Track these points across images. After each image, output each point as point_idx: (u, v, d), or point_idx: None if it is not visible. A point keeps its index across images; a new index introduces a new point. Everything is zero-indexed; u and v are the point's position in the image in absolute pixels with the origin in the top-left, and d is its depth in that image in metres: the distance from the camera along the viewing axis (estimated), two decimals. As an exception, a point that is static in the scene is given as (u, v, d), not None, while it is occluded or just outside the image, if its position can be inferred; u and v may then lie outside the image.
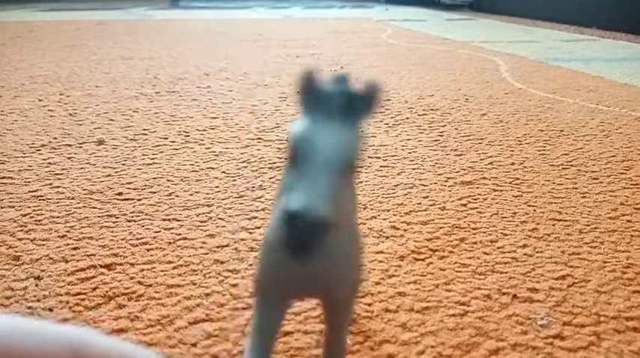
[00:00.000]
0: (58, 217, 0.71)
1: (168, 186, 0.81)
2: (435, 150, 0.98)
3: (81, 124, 1.11)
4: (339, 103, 0.25)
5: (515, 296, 0.55)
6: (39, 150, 0.96)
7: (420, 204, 0.76)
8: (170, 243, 0.64)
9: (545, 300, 0.54)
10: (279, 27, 2.97)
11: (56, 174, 0.85)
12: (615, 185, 0.83)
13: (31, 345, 0.20)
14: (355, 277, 0.33)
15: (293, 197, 0.23)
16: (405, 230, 0.68)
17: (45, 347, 0.21)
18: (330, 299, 0.34)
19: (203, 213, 0.72)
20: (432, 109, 1.26)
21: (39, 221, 0.70)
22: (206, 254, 0.62)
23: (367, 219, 0.71)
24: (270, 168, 0.88)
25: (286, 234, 0.23)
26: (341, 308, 0.34)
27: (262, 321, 0.33)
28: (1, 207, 0.73)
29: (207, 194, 0.78)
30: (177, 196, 0.77)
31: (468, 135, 1.07)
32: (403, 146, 1.00)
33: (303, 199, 0.23)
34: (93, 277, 0.57)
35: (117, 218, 0.71)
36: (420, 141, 1.04)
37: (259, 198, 0.77)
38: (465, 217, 0.72)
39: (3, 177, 0.83)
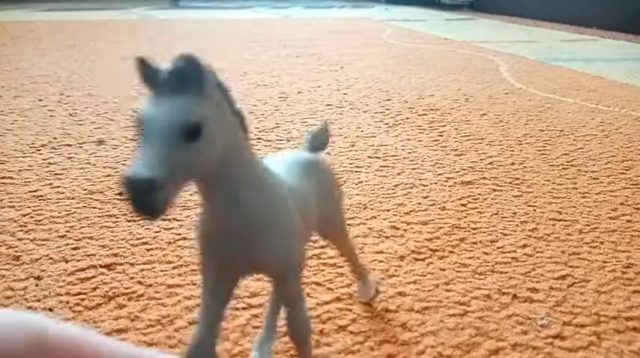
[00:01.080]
0: (58, 217, 0.71)
1: (168, 186, 0.81)
2: (435, 150, 0.98)
3: (81, 124, 1.11)
4: (166, 79, 0.27)
5: (515, 296, 0.55)
6: (39, 150, 0.96)
7: (420, 204, 0.76)
8: (170, 243, 0.64)
9: (545, 300, 0.54)
10: (279, 27, 2.97)
11: (56, 174, 0.85)
12: (615, 185, 0.83)
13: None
14: (282, 245, 0.34)
15: (127, 167, 0.26)
16: (405, 230, 0.68)
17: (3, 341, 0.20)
18: (266, 274, 0.36)
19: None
20: (432, 109, 1.26)
21: (39, 221, 0.70)
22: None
23: (367, 219, 0.71)
24: (270, 168, 0.88)
25: (128, 201, 0.25)
26: (283, 283, 0.36)
27: (206, 300, 0.35)
28: (1, 207, 0.73)
29: (207, 194, 0.78)
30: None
31: (468, 135, 1.07)
32: (403, 146, 1.00)
33: (132, 167, 0.25)
34: (93, 277, 0.57)
35: (117, 218, 0.71)
36: (420, 141, 1.04)
37: (259, 198, 0.77)
38: (465, 217, 0.72)
39: (3, 177, 0.83)
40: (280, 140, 1.03)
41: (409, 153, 0.97)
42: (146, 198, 0.25)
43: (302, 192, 0.37)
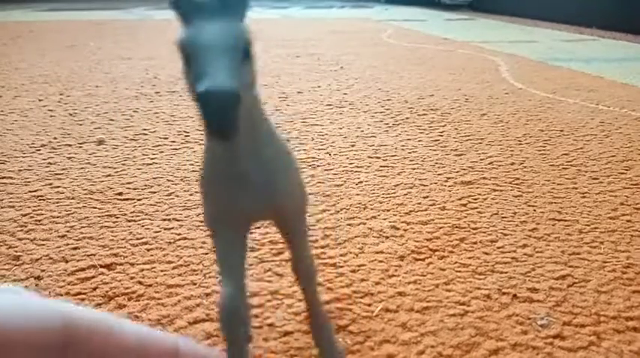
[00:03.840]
0: (58, 217, 0.71)
1: (168, 186, 0.81)
2: (435, 150, 0.98)
3: (81, 124, 1.11)
4: (212, 6, 0.27)
5: (515, 296, 0.55)
6: (39, 150, 0.96)
7: (420, 204, 0.76)
8: (170, 243, 0.64)
9: (545, 300, 0.54)
10: (279, 27, 2.97)
11: (56, 174, 0.85)
12: (615, 185, 0.83)
13: (17, 326, 0.20)
14: (294, 191, 0.35)
15: (199, 83, 0.24)
16: (405, 230, 0.68)
17: (33, 326, 0.20)
18: (280, 216, 0.36)
19: (203, 213, 0.72)
20: (432, 109, 1.26)
21: (39, 221, 0.70)
22: (206, 254, 0.62)
23: (367, 219, 0.71)
24: (270, 168, 0.88)
25: (204, 118, 0.24)
26: (293, 224, 0.37)
27: (225, 252, 0.34)
28: (1, 207, 0.73)
29: (207, 194, 0.78)
30: (177, 196, 0.77)
31: (468, 135, 1.07)
32: (403, 146, 1.00)
33: (207, 80, 0.24)
34: (93, 277, 0.57)
35: (117, 218, 0.71)
36: (420, 141, 1.04)
37: (259, 198, 0.77)
38: (465, 217, 0.72)
39: (3, 177, 0.83)
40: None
41: (409, 153, 0.97)
42: (230, 112, 0.24)
43: (290, 150, 0.38)
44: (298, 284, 0.39)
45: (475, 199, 0.78)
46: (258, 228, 0.67)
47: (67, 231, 0.67)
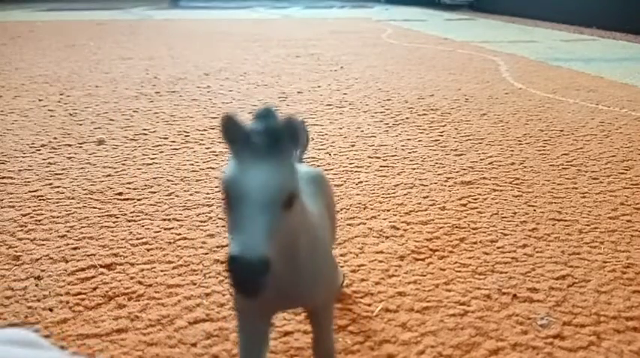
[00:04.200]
0: (58, 217, 0.71)
1: (169, 186, 0.81)
2: (435, 150, 0.98)
3: (81, 124, 1.11)
4: (262, 141, 0.25)
5: (515, 296, 0.55)
6: (39, 150, 0.96)
7: (420, 204, 0.76)
8: (170, 243, 0.64)
9: (545, 300, 0.54)
10: (279, 27, 2.97)
11: (56, 174, 0.85)
12: (615, 185, 0.83)
13: None
14: (326, 285, 0.34)
15: (231, 243, 0.24)
16: (405, 230, 0.68)
17: None
18: (309, 306, 0.36)
19: (203, 213, 0.72)
20: (432, 109, 1.26)
21: (39, 221, 0.70)
22: (206, 254, 0.62)
23: (367, 219, 0.71)
24: (270, 168, 0.88)
25: (231, 278, 0.24)
26: (320, 312, 0.36)
27: (246, 339, 0.34)
28: (1, 207, 0.73)
29: (207, 194, 0.78)
30: (177, 196, 0.77)
31: (468, 135, 1.07)
32: (403, 146, 1.00)
33: (239, 244, 0.24)
34: (93, 277, 0.57)
35: (117, 218, 0.71)
36: (420, 141, 1.04)
37: (259, 198, 0.77)
38: (465, 217, 0.72)
39: (3, 177, 0.83)
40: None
41: (409, 153, 0.97)
42: (257, 278, 0.24)
43: (321, 216, 0.36)
44: None
45: (475, 199, 0.78)
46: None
47: (67, 231, 0.67)
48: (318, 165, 0.90)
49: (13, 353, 0.20)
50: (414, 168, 0.89)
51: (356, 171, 0.87)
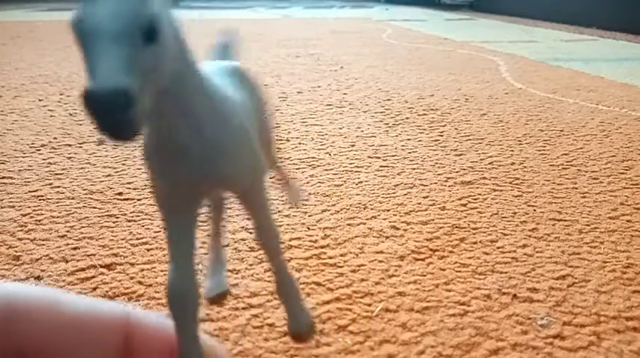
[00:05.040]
0: (58, 217, 0.71)
1: (168, 186, 0.81)
2: (435, 150, 0.98)
3: (81, 124, 1.11)
4: None
5: (515, 296, 0.55)
6: (39, 150, 0.96)
7: (420, 204, 0.76)
8: (170, 243, 0.64)
9: (545, 300, 0.54)
10: (279, 27, 2.97)
11: (56, 174, 0.85)
12: (615, 185, 0.83)
13: (84, 310, 0.21)
14: (248, 167, 0.32)
15: (86, 78, 0.21)
16: (405, 230, 0.68)
17: (99, 313, 0.21)
18: (232, 188, 0.33)
19: (203, 213, 0.72)
20: (432, 109, 1.26)
21: (39, 221, 0.70)
22: (206, 254, 0.62)
23: (367, 219, 0.71)
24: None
25: (92, 119, 0.21)
26: (250, 197, 0.34)
27: (173, 231, 0.32)
28: (1, 207, 0.73)
29: (207, 194, 0.78)
30: (177, 196, 0.77)
31: (468, 135, 1.07)
32: (403, 146, 1.00)
33: (93, 78, 0.21)
34: (93, 277, 0.57)
35: (117, 218, 0.71)
36: (420, 141, 1.04)
37: (259, 198, 0.77)
38: (465, 217, 0.72)
39: (3, 177, 0.83)
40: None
41: (409, 153, 0.97)
42: (120, 113, 0.21)
43: (242, 104, 0.34)
44: (264, 252, 0.37)
45: (475, 199, 0.78)
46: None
47: (67, 231, 0.67)
48: (318, 166, 0.90)
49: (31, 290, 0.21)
50: (414, 168, 0.89)
51: (356, 171, 0.87)
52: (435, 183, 0.83)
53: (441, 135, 1.07)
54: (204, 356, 0.28)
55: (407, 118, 1.19)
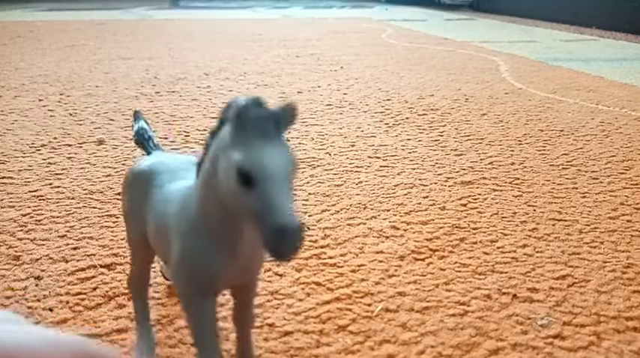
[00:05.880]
0: (58, 217, 0.71)
1: (168, 186, 0.81)
2: (435, 150, 0.98)
3: (81, 124, 1.11)
4: (270, 125, 0.28)
5: (515, 296, 0.55)
6: (39, 150, 0.96)
7: (420, 204, 0.76)
8: (170, 243, 0.64)
9: (545, 300, 0.54)
10: (279, 27, 2.97)
11: (56, 174, 0.85)
12: (615, 185, 0.83)
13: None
14: (261, 260, 0.37)
15: (275, 214, 0.26)
16: (405, 230, 0.68)
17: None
18: (247, 281, 0.38)
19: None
20: (432, 109, 1.26)
21: (39, 221, 0.70)
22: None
23: (367, 219, 0.71)
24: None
25: (279, 247, 0.27)
26: (252, 286, 0.40)
27: (205, 318, 0.36)
28: (1, 207, 0.73)
29: (207, 194, 0.78)
30: (177, 196, 0.77)
31: (468, 135, 1.07)
32: (403, 146, 1.00)
33: (284, 215, 0.26)
34: (93, 277, 0.57)
35: (117, 218, 0.71)
36: (420, 141, 1.04)
37: (259, 198, 0.77)
38: (465, 217, 0.72)
39: (3, 177, 0.83)
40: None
41: (409, 153, 0.97)
42: (300, 243, 0.27)
43: None
44: (237, 332, 0.42)
45: (475, 199, 0.78)
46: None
47: (67, 231, 0.67)
48: (318, 166, 0.90)
49: None
50: (414, 168, 0.89)
51: (356, 171, 0.87)
52: (435, 183, 0.83)
53: (441, 135, 1.07)
54: None
55: (407, 118, 1.19)
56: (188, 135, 1.05)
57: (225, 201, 0.29)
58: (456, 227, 0.69)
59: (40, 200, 0.76)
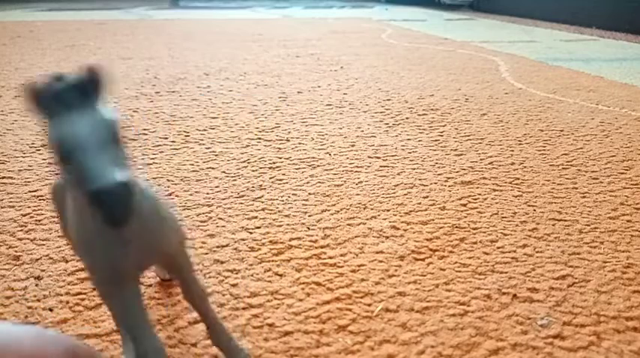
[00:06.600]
0: (58, 217, 0.71)
1: (168, 186, 0.81)
2: (435, 150, 0.98)
3: (81, 124, 1.11)
4: (75, 95, 0.28)
5: (515, 296, 0.55)
6: (39, 150, 0.96)
7: (420, 204, 0.76)
8: (170, 243, 0.64)
9: (545, 300, 0.54)
10: (279, 27, 2.97)
11: (56, 174, 0.85)
12: (615, 185, 0.83)
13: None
14: (173, 235, 0.36)
15: (88, 180, 0.26)
16: (405, 230, 0.68)
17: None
18: (167, 260, 0.38)
19: (203, 213, 0.72)
20: (432, 109, 1.26)
21: (39, 221, 0.70)
22: (206, 254, 0.62)
23: (367, 219, 0.71)
24: (270, 168, 0.88)
25: (103, 212, 0.26)
26: (177, 260, 0.39)
27: (129, 309, 0.35)
28: (1, 207, 0.73)
29: (207, 194, 0.78)
30: (177, 196, 0.77)
31: (468, 135, 1.07)
32: (403, 146, 1.00)
33: (96, 179, 0.26)
34: (93, 277, 0.57)
35: (117, 218, 0.70)
36: (420, 141, 1.04)
37: (259, 198, 0.77)
38: (465, 217, 0.72)
39: (3, 177, 0.83)
40: (280, 140, 1.03)
41: (409, 153, 0.97)
42: (127, 202, 0.26)
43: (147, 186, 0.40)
44: (194, 308, 0.41)
45: (475, 199, 0.78)
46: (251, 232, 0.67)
47: (67, 231, 0.67)
48: (318, 165, 0.90)
49: None
50: (414, 168, 0.89)
51: (356, 171, 0.87)
52: (435, 183, 0.83)
53: (441, 135, 1.07)
54: None
55: (407, 118, 1.19)
56: (188, 135, 1.05)
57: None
58: (456, 227, 0.69)
59: (40, 200, 0.76)
